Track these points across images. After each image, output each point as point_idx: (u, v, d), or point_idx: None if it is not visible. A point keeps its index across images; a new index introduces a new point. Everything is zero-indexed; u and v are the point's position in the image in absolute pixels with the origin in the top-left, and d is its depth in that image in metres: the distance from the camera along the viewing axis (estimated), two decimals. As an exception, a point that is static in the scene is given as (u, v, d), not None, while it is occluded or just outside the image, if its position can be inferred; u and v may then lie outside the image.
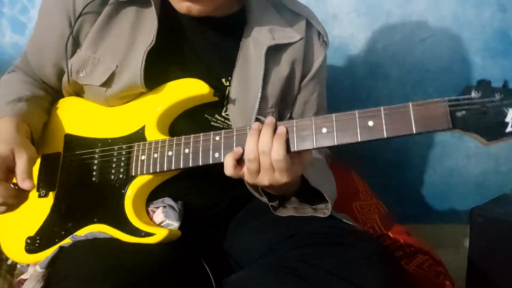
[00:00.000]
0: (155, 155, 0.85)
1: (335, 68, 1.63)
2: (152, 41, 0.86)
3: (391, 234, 1.17)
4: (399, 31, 1.60)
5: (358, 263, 0.75)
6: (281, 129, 0.75)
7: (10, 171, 0.80)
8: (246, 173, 0.77)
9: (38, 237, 0.92)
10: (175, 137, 0.84)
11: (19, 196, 0.81)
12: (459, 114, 0.67)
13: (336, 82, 1.62)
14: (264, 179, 0.76)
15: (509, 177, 1.64)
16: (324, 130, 0.73)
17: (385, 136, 0.70)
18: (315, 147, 0.74)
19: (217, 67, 0.93)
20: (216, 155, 0.80)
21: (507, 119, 0.65)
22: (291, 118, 0.99)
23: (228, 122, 0.94)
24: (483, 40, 1.57)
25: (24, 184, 0.79)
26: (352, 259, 0.76)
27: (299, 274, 0.75)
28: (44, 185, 0.95)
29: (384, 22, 1.60)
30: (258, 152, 0.74)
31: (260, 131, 0.76)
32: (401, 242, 1.13)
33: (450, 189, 1.71)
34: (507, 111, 0.65)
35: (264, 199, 0.88)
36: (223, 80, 0.93)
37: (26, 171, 0.80)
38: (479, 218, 1.24)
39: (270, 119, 0.76)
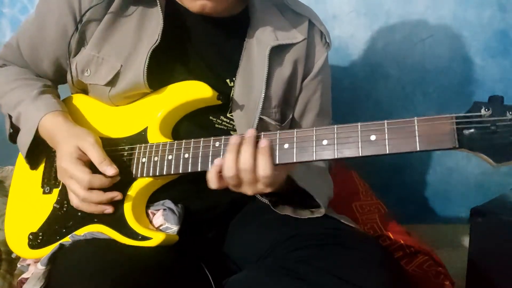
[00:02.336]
0: (155, 158, 0.85)
1: (335, 68, 1.63)
2: (157, 40, 0.86)
3: (391, 234, 1.17)
4: (399, 31, 1.60)
5: (358, 264, 0.75)
6: (264, 142, 0.72)
7: (86, 164, 0.84)
8: (229, 186, 0.76)
9: (40, 233, 0.92)
10: (176, 141, 0.84)
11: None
12: (466, 132, 0.63)
13: (336, 82, 1.61)
14: (247, 190, 0.76)
15: (509, 177, 1.64)
16: (325, 142, 0.71)
17: (388, 152, 0.67)
18: (314, 159, 0.72)
19: (222, 68, 0.93)
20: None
21: (519, 141, 0.60)
22: (293, 118, 0.99)
23: (233, 123, 0.93)
24: (483, 40, 1.57)
25: (109, 171, 0.82)
26: (352, 260, 0.76)
27: (299, 275, 0.75)
28: (48, 182, 0.95)
29: (384, 22, 1.60)
30: (237, 169, 0.73)
31: (239, 145, 0.74)
32: (401, 242, 1.13)
33: (450, 189, 1.71)
34: None
35: (262, 198, 0.87)
36: (228, 80, 0.93)
37: (102, 158, 0.83)
38: (479, 218, 1.24)
39: (250, 132, 0.74)
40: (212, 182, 0.76)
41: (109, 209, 0.85)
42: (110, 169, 0.82)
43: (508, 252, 1.20)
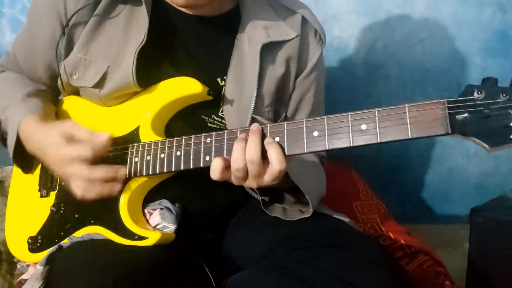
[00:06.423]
0: (148, 158, 0.84)
1: (335, 68, 1.63)
2: (143, 39, 0.85)
3: (391, 234, 1.17)
4: (399, 31, 1.60)
5: (358, 264, 0.75)
6: (271, 139, 0.72)
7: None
8: (233, 178, 0.75)
9: (39, 237, 0.92)
10: (167, 139, 0.83)
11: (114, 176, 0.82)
12: (459, 117, 0.61)
13: (336, 82, 1.62)
14: (252, 183, 0.75)
15: (509, 177, 1.65)
16: (316, 133, 0.69)
17: (379, 141, 0.65)
18: (305, 151, 0.71)
19: (212, 67, 0.93)
20: (207, 158, 0.78)
21: (513, 123, 0.58)
22: (286, 116, 0.99)
23: (225, 122, 0.93)
24: (483, 40, 1.57)
25: (103, 135, 0.80)
26: (352, 260, 0.75)
27: (299, 276, 0.75)
28: (45, 185, 0.95)
29: (384, 22, 1.60)
30: (246, 161, 0.72)
31: (246, 139, 0.73)
32: (401, 242, 1.13)
33: (450, 189, 1.72)
34: None
35: (257, 196, 0.87)
36: (219, 79, 0.92)
37: (90, 130, 0.81)
38: (479, 218, 1.25)
39: (255, 126, 0.74)
40: (216, 172, 0.74)
41: (117, 186, 0.83)
42: (102, 134, 0.81)
43: (508, 252, 1.20)
